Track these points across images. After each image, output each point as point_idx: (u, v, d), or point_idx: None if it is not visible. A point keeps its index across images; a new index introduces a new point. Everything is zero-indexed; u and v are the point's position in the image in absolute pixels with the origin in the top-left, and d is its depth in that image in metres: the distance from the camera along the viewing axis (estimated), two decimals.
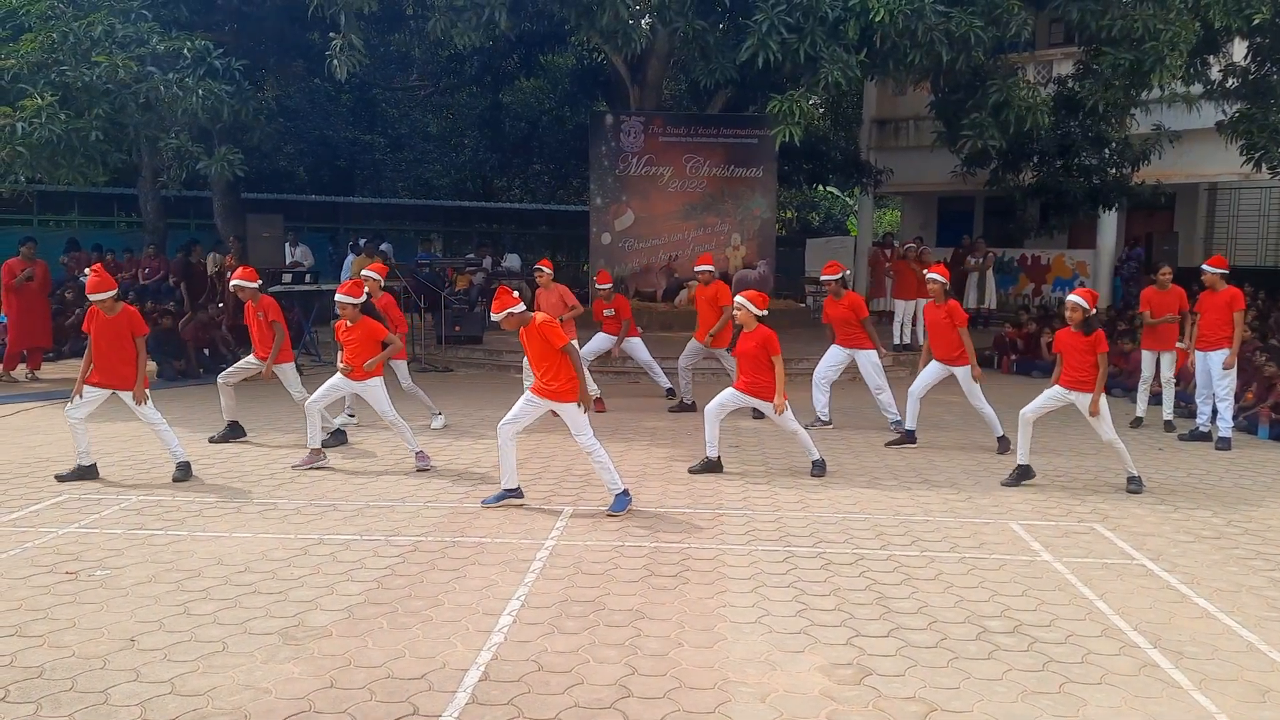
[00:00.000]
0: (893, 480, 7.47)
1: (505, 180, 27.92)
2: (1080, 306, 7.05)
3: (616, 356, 10.53)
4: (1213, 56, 13.79)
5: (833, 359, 9.31)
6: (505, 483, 6.60)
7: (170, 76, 10.71)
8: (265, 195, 20.30)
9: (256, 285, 8.39)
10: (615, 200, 16.32)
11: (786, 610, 4.78)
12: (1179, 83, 13.18)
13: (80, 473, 7.12)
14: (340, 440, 8.42)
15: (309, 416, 7.59)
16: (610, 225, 16.34)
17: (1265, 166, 13.38)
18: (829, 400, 9.40)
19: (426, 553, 5.58)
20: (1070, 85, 14.46)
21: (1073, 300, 7.13)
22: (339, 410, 9.03)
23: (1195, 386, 9.26)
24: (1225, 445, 8.67)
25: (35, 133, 10.03)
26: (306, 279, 14.00)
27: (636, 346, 10.41)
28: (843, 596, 4.98)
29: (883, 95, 20.70)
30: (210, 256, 14.42)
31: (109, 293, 6.99)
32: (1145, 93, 12.68)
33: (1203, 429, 9.06)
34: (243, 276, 8.37)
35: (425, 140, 26.32)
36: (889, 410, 9.11)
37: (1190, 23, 11.09)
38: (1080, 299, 7.10)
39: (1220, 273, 8.88)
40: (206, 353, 12.74)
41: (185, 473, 7.16)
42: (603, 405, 10.15)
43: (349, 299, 7.52)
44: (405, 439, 7.64)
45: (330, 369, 8.95)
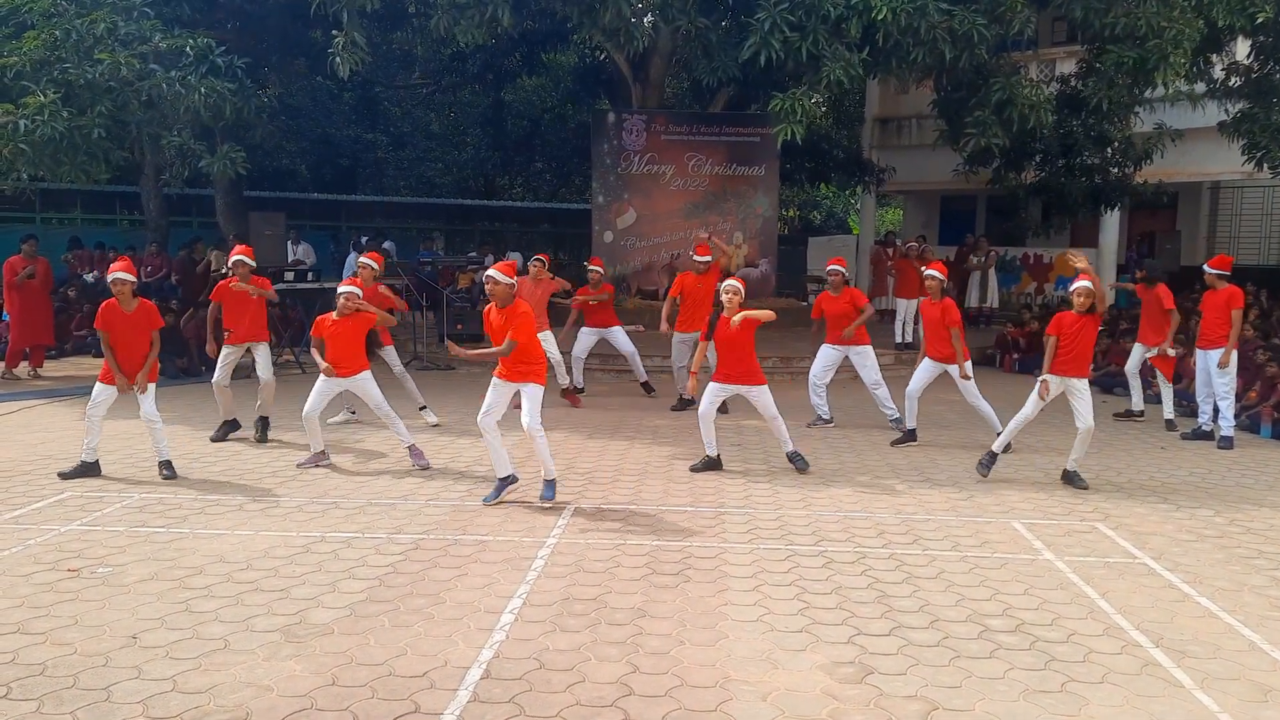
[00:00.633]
0: (895, 478, 7.47)
1: (507, 178, 27.92)
2: (1089, 292, 7.02)
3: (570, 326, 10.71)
4: (1216, 55, 13.75)
5: (827, 360, 9.28)
6: (499, 472, 6.62)
7: (173, 74, 10.71)
8: (267, 193, 20.29)
9: (253, 265, 8.58)
10: (617, 199, 16.31)
11: (788, 609, 4.78)
12: (1182, 81, 13.14)
13: (84, 469, 7.15)
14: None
15: (307, 425, 7.53)
16: (612, 223, 16.33)
17: (1267, 166, 13.35)
18: (826, 398, 9.45)
19: (428, 550, 5.59)
20: (1073, 84, 14.42)
21: (1082, 286, 7.08)
22: (337, 410, 9.07)
23: (1196, 385, 9.24)
24: (1228, 444, 8.65)
25: (38, 130, 10.03)
26: (309, 277, 14.01)
27: (619, 336, 10.58)
28: (844, 595, 4.98)
29: (885, 93, 20.66)
30: (213, 254, 14.42)
31: (132, 279, 7.13)
32: (1149, 91, 12.64)
33: (1204, 428, 9.05)
34: (242, 253, 8.53)
35: (427, 138, 26.32)
36: (886, 405, 9.11)
37: (1194, 21, 11.06)
38: (1088, 283, 7.06)
39: (1218, 273, 8.87)
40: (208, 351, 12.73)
41: (170, 471, 7.19)
42: (579, 401, 10.36)
43: (352, 288, 7.56)
44: (398, 433, 7.61)
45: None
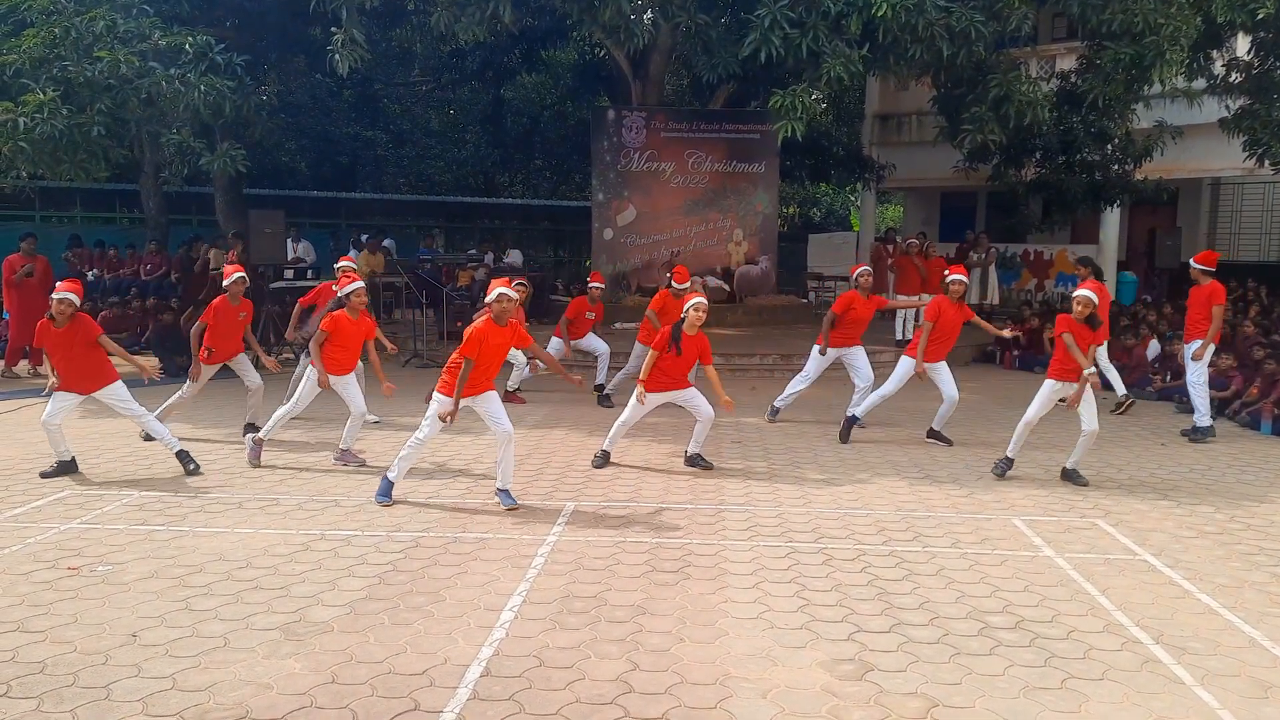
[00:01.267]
0: (895, 475, 7.47)
1: (507, 176, 27.90)
2: (1090, 301, 6.95)
3: (567, 356, 10.72)
4: (1216, 51, 13.73)
5: (823, 361, 9.16)
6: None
7: (172, 72, 10.70)
8: (267, 191, 20.25)
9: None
10: (617, 196, 16.29)
11: (788, 606, 4.78)
12: (1180, 78, 13.13)
13: (62, 468, 7.17)
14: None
15: (280, 415, 7.55)
16: (612, 221, 16.32)
17: (1268, 162, 13.34)
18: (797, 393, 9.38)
19: (428, 548, 5.59)
20: (1072, 80, 14.41)
21: (1082, 295, 6.99)
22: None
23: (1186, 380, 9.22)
24: (1199, 436, 8.57)
25: (37, 128, 10.01)
26: (309, 275, 14.01)
27: (593, 340, 10.72)
28: (844, 592, 4.98)
29: (885, 90, 20.64)
30: (212, 252, 14.41)
31: (74, 299, 6.89)
32: (1147, 88, 12.63)
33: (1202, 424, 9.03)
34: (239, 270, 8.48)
35: (427, 136, 26.28)
36: (860, 401, 8.89)
37: (1191, 17, 11.03)
38: (1089, 292, 6.98)
39: (1202, 268, 8.81)
40: None
41: (191, 463, 7.26)
42: (521, 399, 10.37)
43: (361, 283, 7.58)
44: (349, 432, 7.57)
45: None
